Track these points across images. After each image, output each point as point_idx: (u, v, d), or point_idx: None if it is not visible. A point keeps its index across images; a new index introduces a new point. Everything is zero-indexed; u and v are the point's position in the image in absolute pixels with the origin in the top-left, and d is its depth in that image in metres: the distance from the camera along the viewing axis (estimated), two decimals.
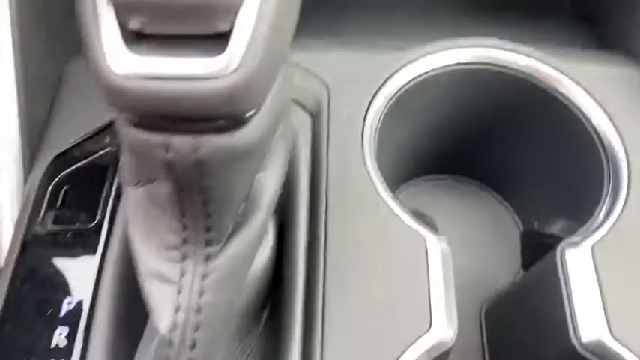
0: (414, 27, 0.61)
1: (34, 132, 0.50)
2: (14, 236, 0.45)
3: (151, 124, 0.27)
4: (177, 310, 0.32)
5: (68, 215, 0.45)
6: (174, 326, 0.32)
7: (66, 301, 0.42)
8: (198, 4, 0.25)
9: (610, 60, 0.55)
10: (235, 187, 0.31)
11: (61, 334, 0.40)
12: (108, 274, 0.41)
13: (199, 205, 0.30)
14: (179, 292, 0.32)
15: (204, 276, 0.32)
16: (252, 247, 0.35)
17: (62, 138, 0.50)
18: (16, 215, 0.48)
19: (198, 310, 0.32)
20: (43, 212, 0.45)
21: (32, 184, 0.48)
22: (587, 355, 0.40)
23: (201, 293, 0.32)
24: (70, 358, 0.39)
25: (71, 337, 0.40)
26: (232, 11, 0.25)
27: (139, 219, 0.34)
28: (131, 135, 0.28)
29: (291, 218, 0.44)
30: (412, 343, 0.39)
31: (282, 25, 0.27)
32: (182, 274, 0.32)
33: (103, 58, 0.25)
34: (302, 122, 0.49)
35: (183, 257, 0.32)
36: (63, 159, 0.48)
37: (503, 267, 0.59)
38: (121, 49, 0.25)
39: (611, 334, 0.40)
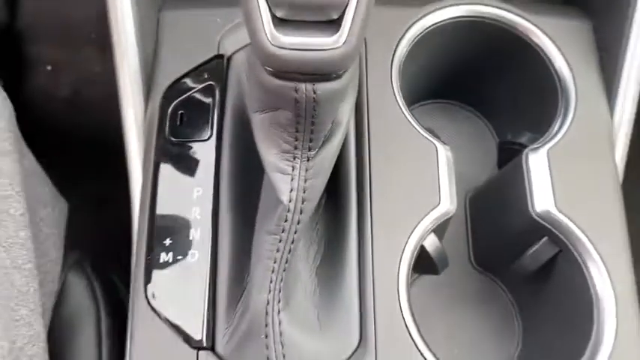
0: None
1: (148, 69, 0.67)
2: (147, 145, 0.64)
3: (286, 75, 0.46)
4: (291, 190, 0.52)
5: (187, 131, 0.63)
6: (290, 199, 0.52)
7: (195, 190, 0.61)
8: (322, 3, 0.42)
9: (570, 15, 0.73)
10: (330, 113, 0.50)
11: (195, 210, 0.60)
12: (224, 170, 0.61)
13: (309, 125, 0.49)
14: (292, 180, 0.52)
15: (307, 170, 0.52)
16: (335, 152, 0.54)
17: (167, 74, 0.67)
18: (141, 132, 0.66)
19: (305, 190, 0.52)
20: (167, 129, 0.64)
21: (152, 109, 0.65)
22: (540, 221, 0.62)
23: (305, 180, 0.52)
24: (206, 227, 0.59)
25: (205, 212, 0.60)
26: (342, 7, 0.43)
27: (262, 134, 0.52)
28: (270, 81, 0.46)
29: None
30: (427, 213, 0.61)
31: (369, 14, 0.44)
32: (293, 169, 0.51)
33: (262, 34, 0.43)
34: None
35: (294, 158, 0.51)
36: (172, 90, 0.66)
37: (482, 167, 0.79)
38: (273, 29, 0.43)
39: (556, 207, 0.62)
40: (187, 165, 0.62)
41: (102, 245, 1.35)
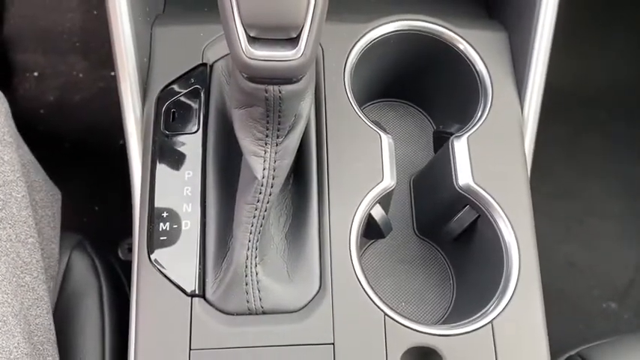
0: (370, 5, 0.93)
1: (144, 76, 0.81)
2: (145, 137, 0.78)
3: (258, 80, 0.60)
4: (264, 169, 0.66)
5: (178, 125, 0.78)
6: (263, 176, 0.66)
7: (186, 172, 0.75)
8: (284, 25, 0.57)
9: (490, 27, 0.88)
10: (293, 108, 0.64)
11: (187, 188, 0.75)
12: (210, 156, 0.75)
13: (277, 118, 0.63)
14: (264, 161, 0.66)
15: (276, 152, 0.66)
16: (298, 139, 0.67)
17: (160, 79, 0.81)
18: (139, 128, 0.79)
19: (274, 169, 0.66)
20: (162, 124, 0.78)
21: (148, 109, 0.79)
22: (462, 192, 0.78)
23: (275, 161, 0.66)
24: (196, 201, 0.74)
25: (195, 190, 0.74)
26: (299, 28, 0.57)
27: (241, 125, 0.66)
28: (246, 84, 0.60)
29: None
30: (373, 188, 0.76)
31: (320, 32, 0.59)
32: (265, 152, 0.66)
33: (239, 49, 0.57)
34: None
35: (266, 144, 0.65)
36: (165, 93, 0.80)
37: (423, 153, 0.94)
38: (247, 45, 0.57)
39: (474, 181, 0.78)
40: (179, 153, 0.77)
41: (98, 232, 1.48)
